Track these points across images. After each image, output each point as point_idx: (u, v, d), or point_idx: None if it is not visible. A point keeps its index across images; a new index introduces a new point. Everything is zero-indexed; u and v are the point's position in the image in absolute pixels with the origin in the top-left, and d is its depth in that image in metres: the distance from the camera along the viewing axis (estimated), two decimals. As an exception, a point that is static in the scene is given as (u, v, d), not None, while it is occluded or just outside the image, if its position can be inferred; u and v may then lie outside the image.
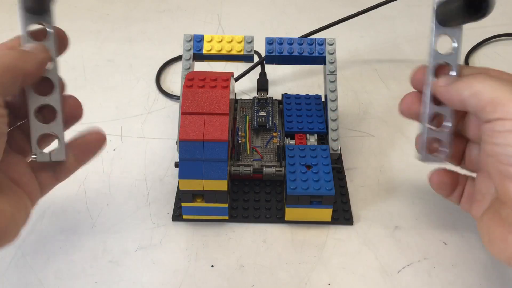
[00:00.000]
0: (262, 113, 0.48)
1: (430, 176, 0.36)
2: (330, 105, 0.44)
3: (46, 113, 0.31)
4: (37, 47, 0.29)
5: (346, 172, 0.45)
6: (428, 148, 0.35)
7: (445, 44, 0.33)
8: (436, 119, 0.34)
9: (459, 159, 0.36)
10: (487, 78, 0.28)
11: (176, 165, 0.42)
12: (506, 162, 0.25)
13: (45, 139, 0.32)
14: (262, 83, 0.52)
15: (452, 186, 0.35)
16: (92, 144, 0.33)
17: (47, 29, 0.30)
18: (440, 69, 0.33)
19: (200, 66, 0.47)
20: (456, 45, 0.33)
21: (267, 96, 0.51)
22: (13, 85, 0.28)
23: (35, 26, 0.30)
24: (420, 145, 0.35)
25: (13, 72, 0.27)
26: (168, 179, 0.45)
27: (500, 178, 0.26)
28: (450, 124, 0.33)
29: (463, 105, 0.29)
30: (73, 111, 0.32)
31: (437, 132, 0.34)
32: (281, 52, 0.45)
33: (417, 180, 0.45)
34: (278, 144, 0.46)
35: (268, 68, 0.56)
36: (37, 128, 0.31)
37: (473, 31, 0.66)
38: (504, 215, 0.27)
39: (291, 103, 0.48)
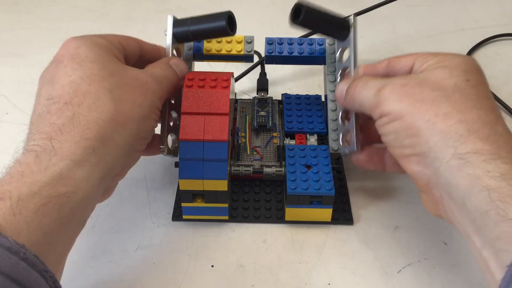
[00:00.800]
0: (262, 113, 0.48)
1: (354, 161, 0.40)
2: (330, 105, 0.44)
3: (171, 117, 0.40)
4: (184, 65, 0.40)
5: (346, 172, 0.45)
6: (345, 141, 0.41)
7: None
8: (347, 114, 0.41)
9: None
10: (363, 86, 0.35)
11: (176, 165, 0.42)
12: (393, 145, 0.33)
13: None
14: (262, 83, 0.52)
15: (373, 161, 0.39)
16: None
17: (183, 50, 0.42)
18: (346, 73, 0.40)
19: (200, 66, 0.47)
20: (351, 51, 0.40)
21: (267, 96, 0.51)
22: (173, 93, 0.39)
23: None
24: (339, 140, 0.41)
25: (174, 84, 0.38)
26: (168, 179, 0.45)
27: (397, 158, 0.33)
28: (353, 118, 0.39)
29: (360, 111, 0.36)
30: None
31: (348, 125, 0.40)
32: (281, 52, 0.45)
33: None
34: (278, 144, 0.46)
35: (268, 68, 0.56)
36: (166, 127, 0.39)
37: (473, 31, 0.66)
38: (417, 185, 0.33)
39: (291, 103, 0.48)
